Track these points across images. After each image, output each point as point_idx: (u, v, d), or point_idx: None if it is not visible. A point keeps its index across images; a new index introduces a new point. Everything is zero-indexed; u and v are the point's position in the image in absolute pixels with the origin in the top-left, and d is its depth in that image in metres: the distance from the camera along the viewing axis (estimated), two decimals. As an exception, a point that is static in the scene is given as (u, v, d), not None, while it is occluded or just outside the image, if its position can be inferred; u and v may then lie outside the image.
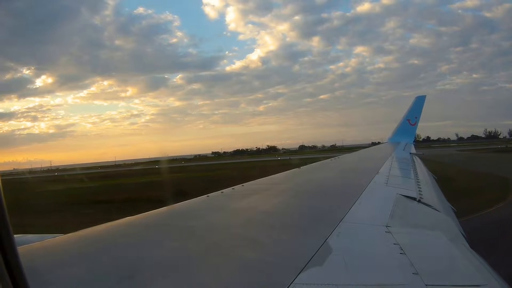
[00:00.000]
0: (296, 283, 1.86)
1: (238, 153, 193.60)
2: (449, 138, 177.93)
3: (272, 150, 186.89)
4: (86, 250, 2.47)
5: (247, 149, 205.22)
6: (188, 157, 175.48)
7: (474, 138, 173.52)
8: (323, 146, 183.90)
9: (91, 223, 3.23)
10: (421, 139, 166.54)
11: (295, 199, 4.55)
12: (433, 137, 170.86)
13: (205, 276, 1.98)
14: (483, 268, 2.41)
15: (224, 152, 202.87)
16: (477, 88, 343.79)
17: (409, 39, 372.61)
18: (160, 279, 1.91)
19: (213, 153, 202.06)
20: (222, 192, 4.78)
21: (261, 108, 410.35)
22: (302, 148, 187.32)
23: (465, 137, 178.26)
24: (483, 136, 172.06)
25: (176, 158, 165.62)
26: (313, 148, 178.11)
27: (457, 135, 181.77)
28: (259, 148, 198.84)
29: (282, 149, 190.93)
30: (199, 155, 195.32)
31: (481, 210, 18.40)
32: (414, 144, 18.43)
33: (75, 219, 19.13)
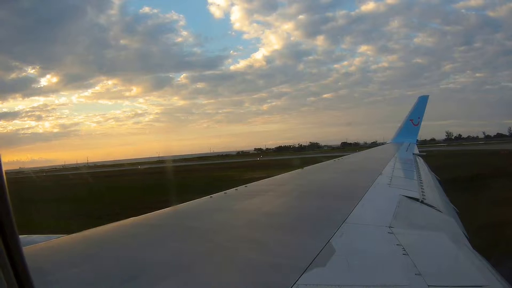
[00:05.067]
0: (299, 283, 1.87)
1: (282, 149, 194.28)
2: (477, 136, 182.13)
3: (315, 146, 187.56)
4: (91, 251, 2.50)
5: (289, 145, 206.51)
6: (232, 153, 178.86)
7: (499, 136, 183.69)
8: (365, 143, 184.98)
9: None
10: (453, 137, 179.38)
11: (298, 200, 4.61)
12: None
13: (208, 277, 2.01)
14: (485, 268, 2.44)
15: (266, 148, 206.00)
16: (480, 87, 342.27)
17: (413, 38, 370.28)
18: (165, 279, 1.94)
19: (255, 149, 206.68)
20: (225, 193, 4.85)
21: (265, 107, 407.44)
22: (345, 144, 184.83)
23: (492, 135, 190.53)
24: (507, 134, 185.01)
25: (221, 154, 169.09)
26: (356, 145, 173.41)
27: (484, 133, 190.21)
28: (301, 144, 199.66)
29: (324, 146, 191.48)
30: (242, 151, 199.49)
31: None
32: (417, 144, 18.67)
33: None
